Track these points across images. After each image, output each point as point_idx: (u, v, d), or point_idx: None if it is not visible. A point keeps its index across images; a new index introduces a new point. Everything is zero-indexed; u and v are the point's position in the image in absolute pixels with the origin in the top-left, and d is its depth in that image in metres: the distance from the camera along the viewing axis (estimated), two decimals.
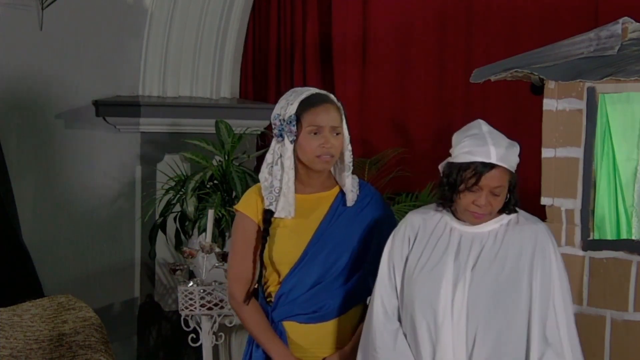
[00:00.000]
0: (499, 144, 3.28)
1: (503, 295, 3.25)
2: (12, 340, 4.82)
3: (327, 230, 3.46)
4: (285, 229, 3.45)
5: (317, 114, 3.42)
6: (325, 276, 3.43)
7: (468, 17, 6.83)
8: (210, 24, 7.06)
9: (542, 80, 4.48)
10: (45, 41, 6.51)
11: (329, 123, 3.43)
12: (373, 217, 3.51)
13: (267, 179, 3.46)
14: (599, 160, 4.32)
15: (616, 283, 4.23)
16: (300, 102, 3.43)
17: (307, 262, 3.43)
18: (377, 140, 7.07)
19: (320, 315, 3.44)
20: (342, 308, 3.45)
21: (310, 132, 3.42)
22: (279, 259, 3.44)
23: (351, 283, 3.46)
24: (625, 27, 4.47)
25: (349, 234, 3.46)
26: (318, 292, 3.43)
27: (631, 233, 4.27)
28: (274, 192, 3.44)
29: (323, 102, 3.44)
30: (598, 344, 4.23)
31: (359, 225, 3.48)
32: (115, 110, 6.83)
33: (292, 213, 3.44)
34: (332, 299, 3.44)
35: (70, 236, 6.70)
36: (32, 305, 5.13)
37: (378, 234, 3.50)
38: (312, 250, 3.43)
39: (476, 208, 3.28)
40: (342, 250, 3.45)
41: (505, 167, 3.27)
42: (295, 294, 3.44)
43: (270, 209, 3.43)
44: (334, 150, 3.43)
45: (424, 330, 3.28)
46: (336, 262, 3.44)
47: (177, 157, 6.80)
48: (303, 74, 7.26)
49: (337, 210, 3.49)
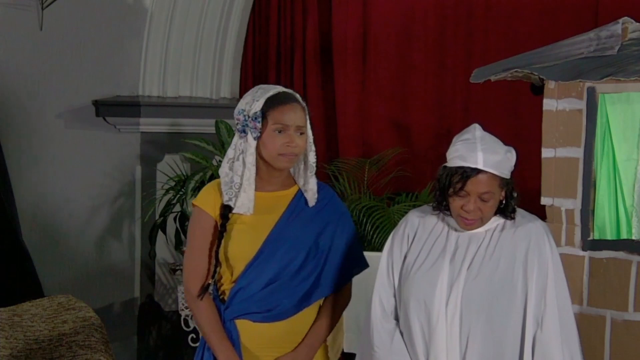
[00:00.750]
0: (489, 149, 3.28)
1: (497, 296, 3.25)
2: (12, 340, 4.82)
3: (284, 229, 3.44)
4: (243, 225, 3.44)
5: (283, 112, 3.41)
6: (281, 275, 3.42)
7: (468, 17, 6.83)
8: (210, 24, 7.06)
9: (542, 80, 4.48)
10: (45, 41, 6.51)
11: (295, 122, 3.41)
12: (331, 217, 3.50)
13: (228, 174, 3.45)
14: (599, 160, 4.32)
15: (616, 283, 4.23)
16: (266, 99, 3.42)
17: (263, 260, 3.41)
18: (377, 140, 7.07)
19: (274, 314, 3.42)
20: (296, 307, 3.43)
21: (275, 129, 3.41)
22: (234, 256, 3.42)
23: (307, 283, 3.44)
24: (625, 27, 4.47)
25: (306, 234, 3.45)
26: (273, 290, 3.41)
27: (631, 233, 4.27)
28: (234, 188, 3.42)
29: (290, 100, 3.43)
30: (598, 344, 4.23)
31: (317, 225, 3.47)
32: (115, 110, 6.83)
33: (251, 209, 3.43)
34: (287, 298, 3.42)
35: (70, 236, 6.71)
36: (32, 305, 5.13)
37: (334, 234, 3.50)
38: (268, 248, 3.42)
39: (465, 213, 3.28)
40: (299, 249, 3.43)
41: (492, 172, 3.27)
42: (249, 292, 3.41)
43: (229, 205, 3.42)
44: (297, 149, 3.42)
45: (417, 330, 3.29)
46: (293, 260, 3.43)
47: (177, 157, 6.81)
48: (303, 74, 7.26)
49: (296, 209, 3.48)
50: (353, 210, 6.62)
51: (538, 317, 3.27)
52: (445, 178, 3.29)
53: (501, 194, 3.31)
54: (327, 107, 7.25)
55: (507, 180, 3.31)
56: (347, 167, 6.94)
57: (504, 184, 3.30)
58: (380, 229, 6.48)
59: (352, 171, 6.92)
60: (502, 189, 3.30)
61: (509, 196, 3.33)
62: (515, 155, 3.34)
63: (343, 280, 3.51)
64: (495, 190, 3.28)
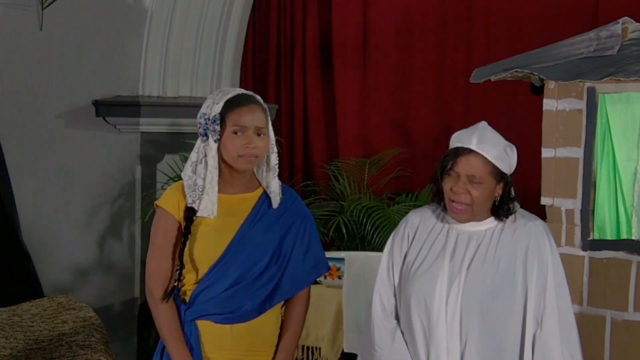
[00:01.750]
0: (486, 136, 3.30)
1: (497, 295, 3.25)
2: (12, 340, 4.82)
3: (249, 231, 3.45)
4: (207, 228, 3.44)
5: (241, 114, 3.43)
6: (244, 277, 3.42)
7: (468, 17, 6.83)
8: (210, 24, 7.06)
9: (542, 80, 4.48)
10: (45, 41, 6.51)
11: (253, 123, 3.43)
12: (294, 220, 3.51)
13: (191, 177, 3.46)
14: (599, 160, 4.32)
15: (616, 283, 4.23)
16: (225, 102, 3.46)
17: (227, 262, 3.42)
18: (377, 140, 7.07)
19: (237, 315, 3.42)
20: (259, 310, 3.43)
21: (233, 131, 3.43)
22: (199, 257, 3.43)
23: (270, 285, 3.45)
24: (625, 27, 4.47)
25: (271, 236, 3.46)
26: (236, 292, 3.41)
27: (631, 233, 4.27)
28: (197, 191, 3.43)
29: (248, 102, 3.45)
30: (598, 344, 4.23)
31: (280, 228, 3.48)
32: (115, 110, 6.83)
33: (214, 212, 3.43)
34: (250, 300, 3.42)
35: (70, 236, 6.71)
36: (32, 305, 5.13)
37: (297, 237, 3.50)
38: (232, 250, 3.42)
39: (453, 195, 3.28)
40: (263, 251, 3.44)
41: (485, 156, 3.28)
42: (212, 293, 3.42)
43: (193, 207, 3.43)
44: (257, 150, 3.43)
45: (418, 328, 3.29)
46: (257, 263, 3.43)
47: (177, 157, 6.81)
48: (303, 74, 7.27)
49: (260, 211, 3.49)
50: (353, 210, 6.62)
51: (538, 317, 3.27)
52: (441, 160, 3.32)
53: (496, 187, 3.31)
54: (327, 107, 7.25)
55: (503, 173, 3.30)
56: (347, 167, 6.94)
57: (498, 175, 3.30)
58: (380, 229, 6.48)
59: (352, 171, 6.92)
60: (496, 180, 3.30)
61: (506, 195, 3.32)
62: (515, 153, 3.34)
63: (303, 283, 3.52)
64: (487, 178, 3.28)
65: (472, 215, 3.31)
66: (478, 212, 3.31)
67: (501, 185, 3.32)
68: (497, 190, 3.32)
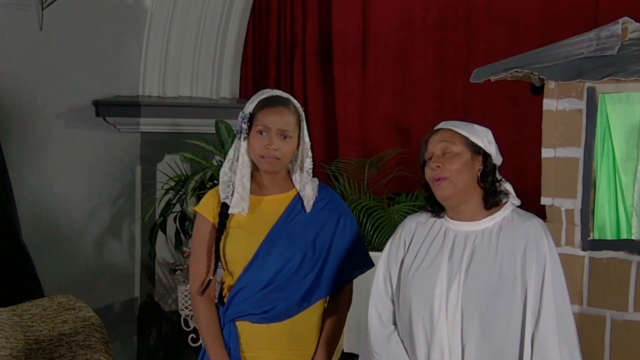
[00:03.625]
0: (454, 122, 3.36)
1: (496, 295, 3.25)
2: (12, 340, 4.82)
3: (281, 231, 3.46)
4: (239, 229, 3.47)
5: (267, 115, 3.44)
6: (278, 276, 3.43)
7: (468, 17, 6.83)
8: (210, 24, 7.06)
9: (542, 80, 4.48)
10: (45, 41, 6.51)
11: (277, 125, 3.43)
12: (329, 218, 3.52)
13: (227, 173, 3.52)
14: (599, 160, 4.32)
15: (616, 283, 4.23)
16: (258, 102, 3.47)
17: (259, 262, 3.44)
18: (377, 140, 7.07)
19: (271, 315, 3.44)
20: (294, 310, 3.45)
21: (258, 131, 3.45)
22: (231, 258, 3.46)
23: (305, 283, 3.46)
24: (625, 27, 4.47)
25: (303, 236, 3.47)
26: (270, 292, 3.43)
27: (631, 233, 4.27)
28: (230, 187, 3.48)
29: (278, 104, 3.46)
30: (598, 344, 4.23)
31: (314, 228, 3.49)
32: (115, 110, 6.83)
33: (245, 209, 3.46)
34: (284, 300, 3.44)
35: (70, 236, 6.70)
36: (32, 305, 5.13)
37: (334, 234, 3.51)
38: (264, 249, 3.44)
39: (432, 172, 3.31)
40: (296, 250, 3.45)
41: (453, 129, 3.31)
42: (247, 294, 3.44)
43: (226, 202, 3.45)
44: (278, 153, 3.44)
45: (419, 328, 3.29)
46: (289, 262, 3.44)
47: (177, 157, 6.80)
48: (303, 74, 7.26)
49: (293, 212, 3.50)
50: (353, 210, 6.62)
51: (536, 315, 3.27)
52: (419, 160, 3.38)
53: (474, 161, 3.30)
54: (327, 107, 7.25)
55: (479, 147, 3.30)
56: (347, 167, 6.94)
57: (473, 147, 3.30)
58: (380, 229, 6.48)
59: (352, 171, 6.92)
60: (472, 152, 3.30)
61: (489, 170, 3.32)
62: (491, 134, 3.36)
63: (344, 280, 3.52)
64: (461, 148, 3.29)
65: (455, 191, 3.30)
66: (462, 188, 3.29)
67: (479, 158, 3.32)
68: (475, 164, 3.31)
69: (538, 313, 3.26)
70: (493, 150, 3.34)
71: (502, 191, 3.35)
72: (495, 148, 3.35)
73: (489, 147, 3.33)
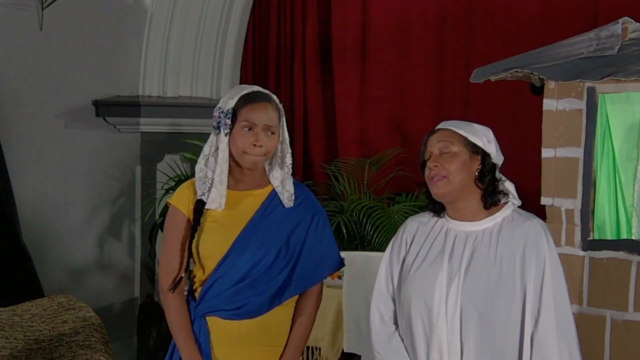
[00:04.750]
0: (453, 121, 3.36)
1: (496, 295, 3.25)
2: (12, 340, 4.82)
3: (256, 227, 3.46)
4: (214, 223, 3.46)
5: (252, 111, 3.44)
6: (250, 273, 3.43)
7: (468, 17, 6.84)
8: (210, 24, 7.07)
9: (542, 80, 4.48)
10: (45, 41, 6.51)
11: (263, 121, 3.44)
12: (304, 217, 3.51)
13: (203, 169, 3.49)
14: (599, 160, 4.32)
15: (616, 283, 4.23)
16: (240, 97, 3.47)
17: (233, 257, 3.43)
18: (377, 140, 7.07)
19: (243, 311, 3.43)
20: (265, 307, 3.44)
21: (243, 127, 3.44)
22: (205, 253, 3.44)
23: (278, 281, 3.45)
24: (625, 27, 4.47)
25: (278, 233, 3.46)
26: (242, 288, 3.42)
27: (631, 233, 4.27)
28: (207, 183, 3.46)
29: (261, 100, 3.46)
30: (598, 344, 4.23)
31: (289, 225, 3.48)
32: (115, 110, 6.83)
33: (222, 205, 3.45)
34: (257, 296, 3.43)
35: (70, 236, 6.71)
36: (32, 305, 5.13)
37: (307, 233, 3.51)
38: (239, 245, 3.43)
39: (430, 171, 3.32)
40: (269, 247, 3.44)
41: (451, 128, 3.32)
42: (219, 289, 3.43)
43: (202, 199, 3.45)
44: (264, 149, 3.44)
45: (419, 328, 3.30)
46: (262, 259, 3.43)
47: (177, 157, 6.81)
48: (303, 73, 7.27)
49: (269, 208, 3.49)
50: (353, 210, 6.62)
51: (536, 314, 3.27)
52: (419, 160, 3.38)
53: (472, 160, 3.30)
54: (327, 107, 7.25)
55: (478, 147, 3.30)
56: (347, 167, 6.95)
57: (472, 147, 3.30)
58: (380, 229, 6.48)
59: (352, 171, 6.92)
60: (470, 152, 3.30)
61: (488, 170, 3.32)
62: (492, 132, 3.35)
63: (315, 279, 3.52)
64: (459, 148, 3.29)
65: (450, 190, 3.30)
66: (457, 187, 3.29)
67: (478, 158, 3.32)
68: (474, 163, 3.31)
69: (537, 313, 3.26)
70: (493, 149, 3.34)
71: (501, 191, 3.35)
72: (496, 147, 3.35)
73: (488, 146, 3.33)
